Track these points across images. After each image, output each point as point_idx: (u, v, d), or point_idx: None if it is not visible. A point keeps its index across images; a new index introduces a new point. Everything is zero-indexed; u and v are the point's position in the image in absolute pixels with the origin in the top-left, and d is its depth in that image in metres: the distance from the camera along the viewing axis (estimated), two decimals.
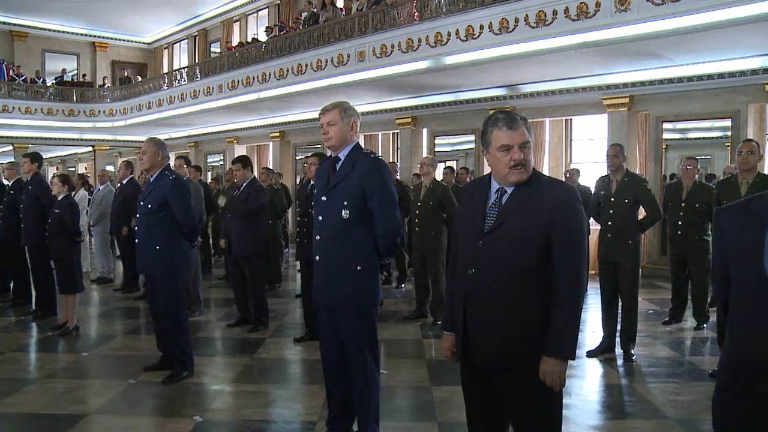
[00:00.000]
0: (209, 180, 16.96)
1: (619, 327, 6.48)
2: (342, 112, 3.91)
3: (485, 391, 2.81)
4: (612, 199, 6.34)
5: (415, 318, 8.08)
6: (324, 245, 3.90)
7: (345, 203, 3.80)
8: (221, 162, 22.66)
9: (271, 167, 15.60)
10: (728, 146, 10.87)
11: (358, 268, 3.82)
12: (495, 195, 2.77)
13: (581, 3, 9.80)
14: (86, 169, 27.38)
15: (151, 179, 5.59)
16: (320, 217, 3.92)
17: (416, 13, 12.46)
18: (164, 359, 5.77)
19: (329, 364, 4.06)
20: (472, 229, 2.78)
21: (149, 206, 5.45)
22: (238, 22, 22.99)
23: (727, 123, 11.12)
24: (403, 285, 10.59)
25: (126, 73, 25.69)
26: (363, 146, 4.10)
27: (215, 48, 23.96)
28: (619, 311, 6.48)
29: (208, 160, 23.72)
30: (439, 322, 7.36)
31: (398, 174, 11.04)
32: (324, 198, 3.91)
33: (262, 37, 18.56)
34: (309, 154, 7.38)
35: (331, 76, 14.07)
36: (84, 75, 25.93)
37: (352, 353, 3.90)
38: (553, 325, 2.64)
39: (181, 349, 5.63)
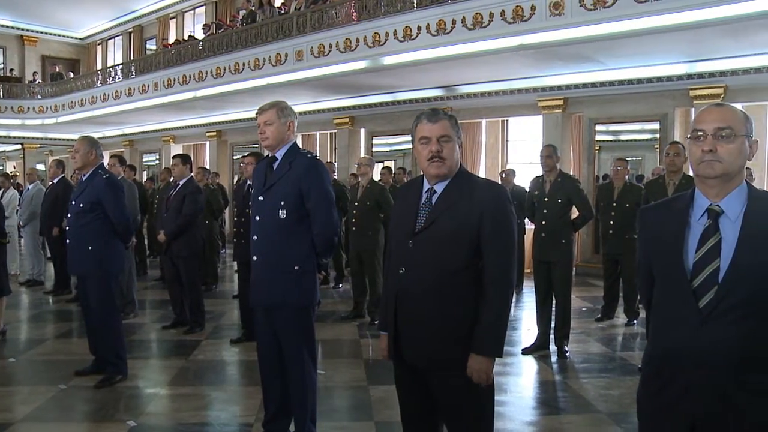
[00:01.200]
0: (144, 179, 16.64)
1: (553, 324, 6.62)
2: (279, 112, 3.88)
3: (418, 390, 2.83)
4: (546, 199, 6.47)
5: (353, 318, 8.09)
6: (261, 245, 3.87)
7: (282, 203, 3.78)
8: (157, 161, 22.26)
9: (207, 167, 15.40)
10: (657, 148, 11.20)
11: (296, 268, 3.80)
12: (425, 195, 2.80)
13: (517, 6, 9.97)
14: (15, 167, 26.51)
15: (84, 178, 5.46)
16: (257, 217, 3.89)
17: (354, 14, 12.47)
18: (97, 363, 5.61)
19: (266, 365, 4.03)
20: (403, 228, 2.80)
21: (81, 206, 5.32)
22: (174, 19, 22.59)
23: (656, 126, 11.47)
24: (340, 285, 10.59)
25: (57, 69, 24.92)
26: (300, 146, 4.09)
27: (151, 45, 23.49)
28: (554, 309, 6.62)
29: (144, 160, 23.25)
30: (376, 322, 7.38)
31: (336, 174, 11.04)
32: (261, 198, 3.88)
33: (199, 34, 18.30)
34: (246, 154, 7.32)
35: (268, 75, 13.97)
36: (12, 70, 25.06)
37: (289, 354, 3.88)
38: (481, 323, 2.67)
39: (115, 352, 5.50)
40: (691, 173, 3.84)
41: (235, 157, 18.97)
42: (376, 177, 9.22)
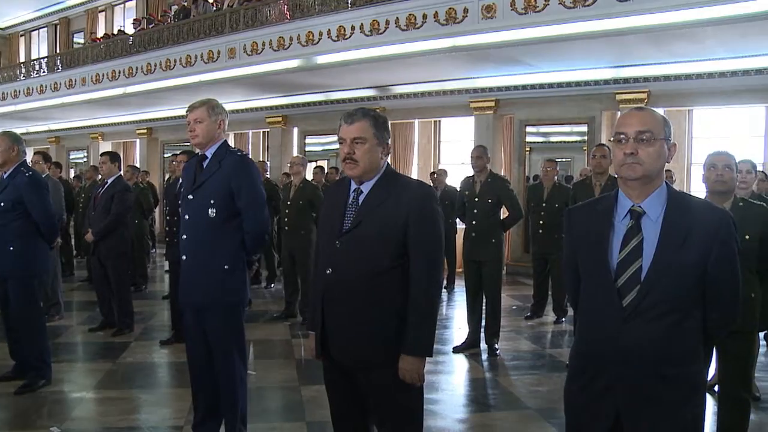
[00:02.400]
0: (71, 177, 16.16)
1: (483, 323, 6.71)
2: (210, 110, 3.83)
3: (347, 389, 2.83)
4: (476, 199, 6.56)
5: (285, 318, 8.04)
6: (191, 244, 3.80)
7: (212, 202, 3.72)
8: (85, 159, 21.62)
9: (137, 165, 15.07)
10: (585, 150, 11.48)
11: (225, 267, 3.75)
12: (352, 195, 2.80)
13: (450, 8, 10.07)
14: None
15: (5, 176, 5.25)
16: (187, 216, 3.82)
17: (288, 12, 12.40)
18: (18, 368, 5.40)
19: (195, 366, 3.96)
20: (331, 229, 2.80)
21: (2, 204, 5.13)
22: (103, 13, 21.96)
23: (584, 128, 11.76)
24: (272, 284, 10.51)
25: None
26: (232, 145, 4.04)
27: (78, 38, 22.77)
28: (484, 308, 6.72)
29: (71, 157, 22.55)
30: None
31: (268, 173, 10.93)
32: (191, 197, 3.81)
33: (129, 29, 17.86)
34: (177, 152, 7.20)
35: (200, 72, 13.75)
36: None
37: (219, 354, 3.83)
38: (410, 324, 2.68)
39: (38, 356, 5.29)
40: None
41: (166, 155, 18.55)
42: (309, 176, 9.19)
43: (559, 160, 10.31)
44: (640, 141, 2.15)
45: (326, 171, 11.41)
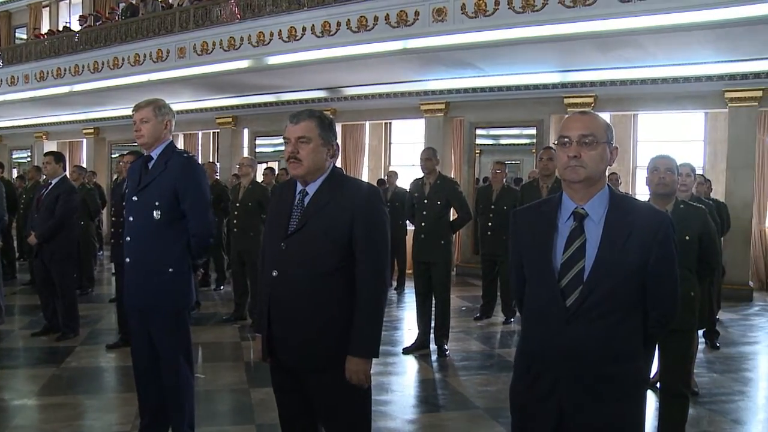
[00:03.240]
0: (14, 177, 15.74)
1: (433, 324, 6.76)
2: (156, 110, 3.78)
3: (295, 391, 2.82)
4: (425, 201, 6.59)
5: (234, 320, 7.97)
6: (135, 247, 3.74)
7: (156, 203, 3.67)
8: (28, 158, 21.07)
9: (84, 165, 14.76)
10: (534, 152, 11.65)
11: (170, 270, 3.70)
12: (298, 196, 2.79)
13: (401, 11, 10.12)
14: None
15: None
16: (131, 218, 3.76)
17: (238, 12, 12.29)
18: None
19: (141, 370, 3.90)
20: (276, 230, 2.79)
21: None
22: (47, 8, 21.38)
23: (533, 131, 11.94)
24: (222, 286, 10.41)
25: None
26: (181, 146, 3.99)
27: (21, 34, 22.16)
28: (434, 309, 6.76)
29: (13, 156, 21.95)
30: None
31: (218, 174, 10.83)
32: (135, 198, 3.76)
33: (75, 26, 17.47)
34: (125, 152, 7.08)
35: (149, 71, 13.53)
36: None
37: (165, 357, 3.77)
38: (356, 325, 2.69)
39: None
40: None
41: (113, 156, 18.22)
42: (260, 178, 9.12)
43: (509, 162, 10.47)
44: (583, 144, 2.20)
45: (276, 172, 11.35)
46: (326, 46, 10.90)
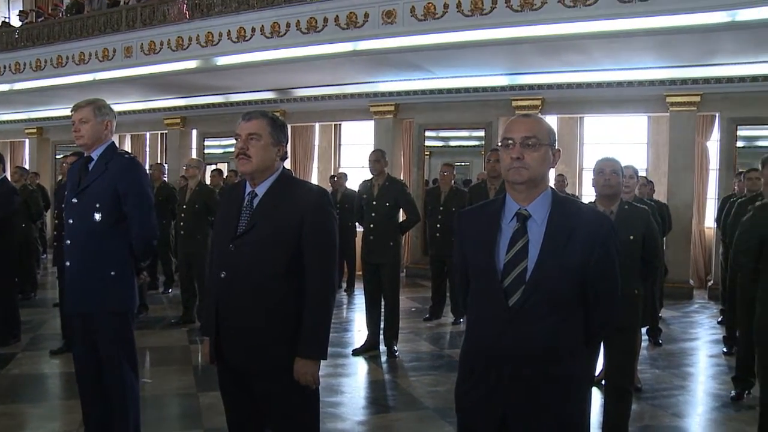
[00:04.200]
0: None
1: (382, 325, 6.78)
2: (96, 110, 3.69)
3: (243, 394, 2.82)
4: (374, 203, 6.62)
5: (182, 323, 7.87)
6: (75, 250, 3.65)
7: (97, 205, 3.59)
8: None
9: (26, 166, 14.38)
10: (483, 154, 11.76)
11: (112, 273, 3.62)
12: (247, 198, 2.79)
13: (351, 12, 10.11)
14: None
15: None
16: (71, 220, 3.67)
17: (186, 11, 12.14)
18: None
19: (84, 376, 3.79)
20: (225, 232, 2.79)
21: None
22: None
23: (482, 133, 12.06)
24: (170, 290, 10.27)
25: None
26: (128, 146, 3.92)
27: None
28: (383, 310, 6.78)
29: None
30: None
31: (166, 176, 10.68)
32: (75, 200, 3.66)
33: (15, 21, 17.00)
34: (69, 153, 6.93)
35: (95, 71, 13.24)
36: None
37: (108, 362, 3.68)
38: (305, 327, 2.69)
39: None
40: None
41: (58, 157, 17.78)
42: (208, 180, 9.03)
43: (458, 164, 10.56)
44: (526, 146, 2.23)
45: (225, 174, 11.26)
46: (276, 47, 10.83)
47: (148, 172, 11.21)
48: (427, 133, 12.70)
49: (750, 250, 4.11)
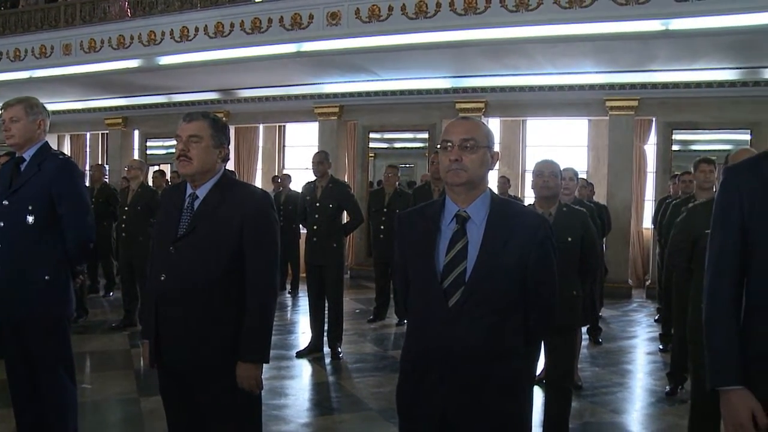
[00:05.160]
0: None
1: (326, 327, 6.78)
2: (27, 108, 3.55)
3: (184, 398, 2.78)
4: (317, 204, 6.60)
5: (124, 327, 7.71)
6: (6, 254, 3.48)
7: (30, 208, 3.45)
8: None
9: None
10: (427, 156, 11.84)
11: (46, 277, 3.47)
12: (188, 199, 2.76)
13: (295, 13, 10.08)
14: None
15: None
16: (1, 223, 3.49)
17: (128, 9, 11.93)
18: None
19: (17, 385, 3.63)
20: (165, 234, 2.76)
21: None
22: None
23: (426, 135, 12.13)
24: (111, 293, 10.06)
25: None
26: (67, 147, 3.81)
27: None
28: (327, 312, 6.78)
29: None
30: None
31: (107, 177, 10.46)
32: (5, 202, 3.50)
33: None
34: (2, 153, 6.75)
35: (31, 68, 12.87)
36: None
37: (44, 371, 3.54)
38: (246, 331, 2.68)
39: None
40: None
41: None
42: (151, 181, 8.89)
43: (402, 165, 10.60)
44: (464, 148, 2.24)
45: (168, 175, 11.09)
46: (219, 47, 10.74)
47: (88, 173, 11.06)
48: (372, 135, 12.72)
49: (682, 250, 4.24)
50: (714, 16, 7.80)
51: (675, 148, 10.81)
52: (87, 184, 9.80)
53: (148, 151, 14.99)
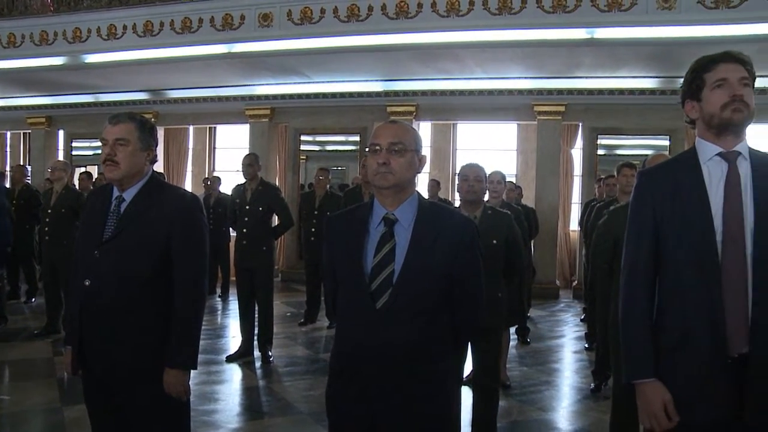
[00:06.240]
0: None
1: (257, 331, 6.73)
2: None
3: (109, 406, 2.73)
4: (247, 207, 6.57)
5: (46, 334, 7.47)
6: None
7: None
8: None
9: None
10: (358, 159, 11.87)
11: None
12: (114, 203, 2.72)
13: (227, 14, 9.97)
14: None
15: None
16: None
17: (51, 4, 11.57)
18: None
19: None
20: (90, 238, 2.70)
21: None
22: None
23: (357, 138, 12.17)
24: (33, 299, 9.74)
25: None
26: None
27: None
28: (257, 315, 6.74)
29: None
30: None
31: (29, 178, 10.16)
32: None
33: None
34: None
35: None
36: None
37: None
38: (173, 336, 2.65)
39: None
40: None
41: None
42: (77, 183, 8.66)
43: (334, 168, 10.59)
44: (392, 152, 2.27)
45: (94, 177, 10.83)
46: (148, 46, 10.52)
47: (8, 174, 10.70)
48: (304, 138, 12.69)
49: (604, 251, 4.39)
50: (635, 27, 8.10)
51: (600, 152, 11.12)
52: (7, 185, 9.52)
53: (74, 152, 14.56)
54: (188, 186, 14.15)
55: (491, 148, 13.10)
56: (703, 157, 2.26)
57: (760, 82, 2.80)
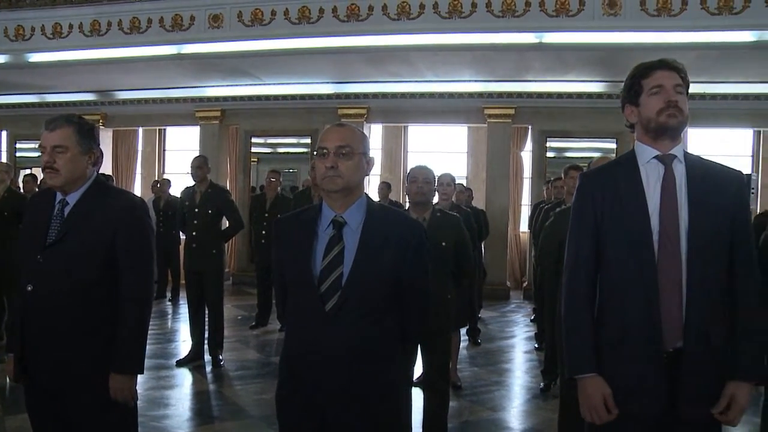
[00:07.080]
0: None
1: (207, 334, 6.68)
2: None
3: (53, 414, 2.69)
4: (196, 210, 6.53)
5: None
6: None
7: None
8: None
9: None
10: (310, 161, 11.85)
11: None
12: (57, 206, 2.67)
13: (176, 14, 9.84)
14: None
15: None
16: None
17: None
18: None
19: None
20: (33, 242, 2.65)
21: None
22: None
23: (308, 140, 12.15)
24: None
25: None
26: None
27: None
28: (207, 319, 6.68)
29: None
30: None
31: None
32: None
33: None
34: None
35: None
36: None
37: None
38: (119, 341, 2.62)
39: None
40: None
41: None
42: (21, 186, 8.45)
43: (286, 171, 10.54)
44: (340, 155, 2.28)
45: (39, 180, 10.58)
46: (96, 46, 10.32)
47: None
48: (255, 140, 12.62)
49: (551, 252, 4.47)
50: (582, 32, 8.25)
51: (549, 154, 11.29)
52: None
53: (18, 154, 14.22)
54: (138, 189, 13.95)
55: (442, 150, 13.21)
56: (641, 159, 2.37)
57: (698, 88, 2.90)
